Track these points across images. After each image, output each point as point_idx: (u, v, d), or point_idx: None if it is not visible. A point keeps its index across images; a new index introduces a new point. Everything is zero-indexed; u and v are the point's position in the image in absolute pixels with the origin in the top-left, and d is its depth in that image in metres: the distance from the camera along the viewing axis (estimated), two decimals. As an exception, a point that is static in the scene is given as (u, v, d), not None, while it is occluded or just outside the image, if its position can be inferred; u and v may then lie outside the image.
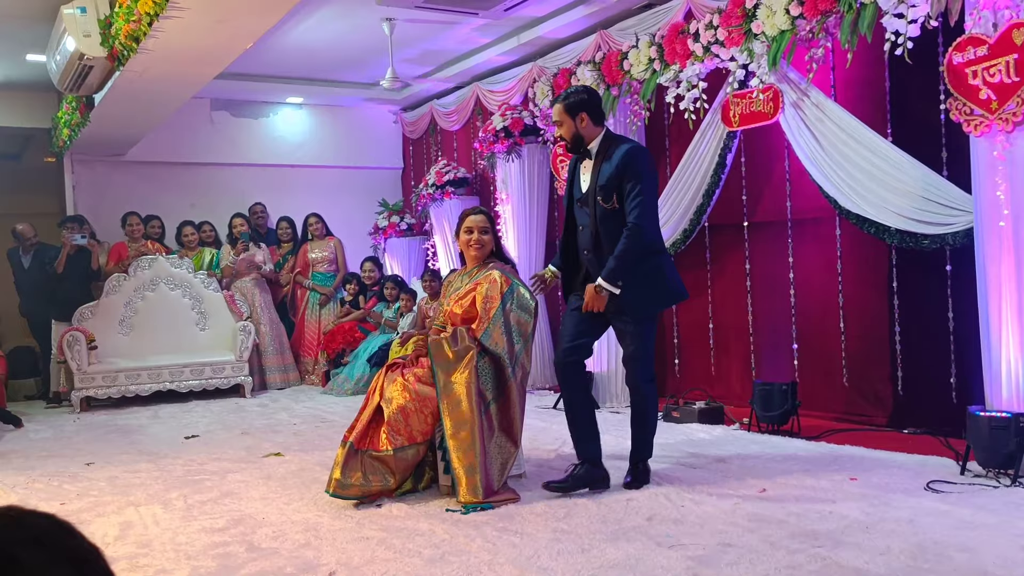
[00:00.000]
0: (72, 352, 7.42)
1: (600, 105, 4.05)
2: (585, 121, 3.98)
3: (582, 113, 3.97)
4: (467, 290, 4.33)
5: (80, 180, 8.93)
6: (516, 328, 4.18)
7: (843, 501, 3.65)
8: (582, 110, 3.97)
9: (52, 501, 4.29)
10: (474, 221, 4.24)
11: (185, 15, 4.56)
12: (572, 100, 3.96)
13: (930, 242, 4.50)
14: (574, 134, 4.00)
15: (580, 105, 3.96)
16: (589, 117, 3.98)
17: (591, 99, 4.00)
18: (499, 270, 4.22)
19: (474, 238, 4.22)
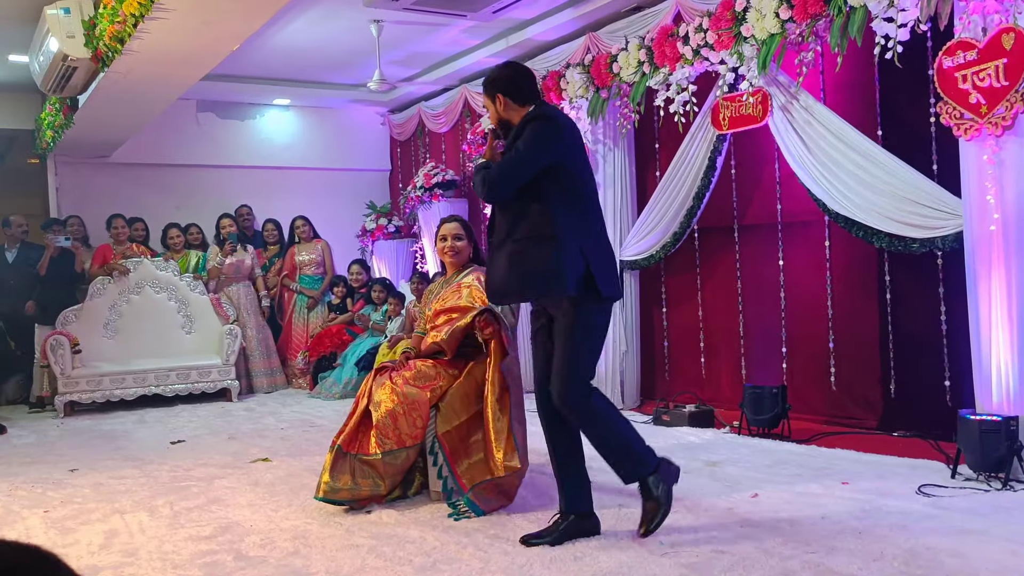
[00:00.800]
0: (56, 356, 7.34)
1: (525, 82, 3.35)
2: (503, 103, 3.33)
3: (498, 94, 3.33)
4: (450, 292, 4.33)
5: (64, 182, 8.84)
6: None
7: (835, 506, 3.64)
8: (498, 90, 3.34)
9: (35, 509, 4.22)
10: (447, 229, 4.26)
11: (170, 16, 4.51)
12: (488, 79, 3.39)
13: (920, 245, 4.50)
14: (499, 119, 3.39)
15: (495, 84, 3.35)
16: (507, 98, 3.32)
17: (510, 76, 3.36)
18: (478, 271, 4.21)
19: (448, 245, 4.24)
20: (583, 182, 3.26)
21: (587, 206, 3.26)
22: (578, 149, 3.29)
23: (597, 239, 3.25)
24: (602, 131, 6.42)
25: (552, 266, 3.11)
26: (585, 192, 3.26)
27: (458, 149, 8.96)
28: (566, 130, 3.23)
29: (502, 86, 3.34)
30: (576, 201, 3.21)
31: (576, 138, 3.31)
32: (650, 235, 6.20)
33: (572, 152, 3.23)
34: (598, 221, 3.30)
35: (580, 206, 3.22)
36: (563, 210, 3.16)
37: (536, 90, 3.40)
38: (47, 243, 7.76)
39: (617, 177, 6.48)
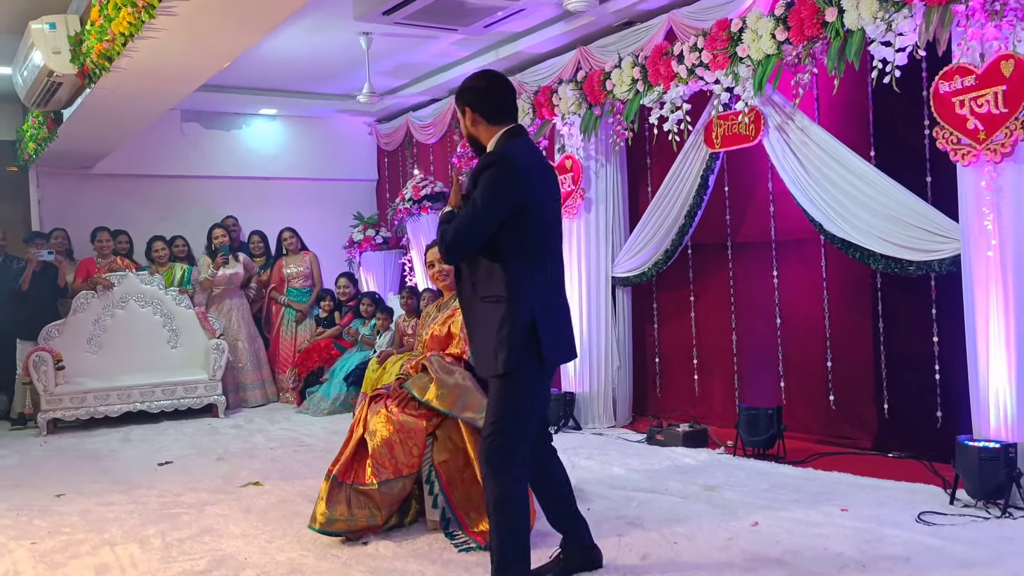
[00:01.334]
0: (38, 373, 7.21)
1: (499, 98, 3.00)
2: (471, 118, 3.02)
3: (467, 107, 3.02)
4: (444, 317, 4.31)
5: (46, 193, 8.70)
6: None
7: (837, 536, 3.62)
8: (467, 103, 3.02)
9: (22, 540, 4.13)
10: (433, 254, 4.23)
11: (161, 35, 4.43)
12: (460, 88, 3.05)
13: (916, 268, 4.50)
14: (467, 134, 3.10)
15: (464, 96, 3.03)
16: (476, 114, 3.00)
17: (483, 90, 3.01)
18: None
19: (436, 270, 4.23)
20: (544, 228, 2.97)
21: (545, 257, 2.99)
22: (540, 191, 2.95)
23: (551, 296, 3.00)
24: (594, 147, 6.39)
25: (498, 343, 2.89)
26: (544, 240, 2.99)
27: (447, 160, 8.90)
28: (524, 175, 2.88)
29: (471, 99, 3.02)
30: (534, 252, 2.94)
31: (538, 179, 2.95)
32: (642, 252, 6.18)
33: (532, 198, 2.90)
34: (554, 271, 3.06)
35: (538, 258, 2.96)
36: (518, 265, 2.90)
37: (511, 108, 3.04)
38: (30, 257, 7.63)
39: (609, 193, 6.45)
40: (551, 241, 3.05)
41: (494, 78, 3.08)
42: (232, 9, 4.19)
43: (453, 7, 6.16)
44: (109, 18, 4.48)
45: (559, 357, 3.08)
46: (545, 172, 3.06)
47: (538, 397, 3.07)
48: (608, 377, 6.48)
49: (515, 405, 2.97)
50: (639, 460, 5.25)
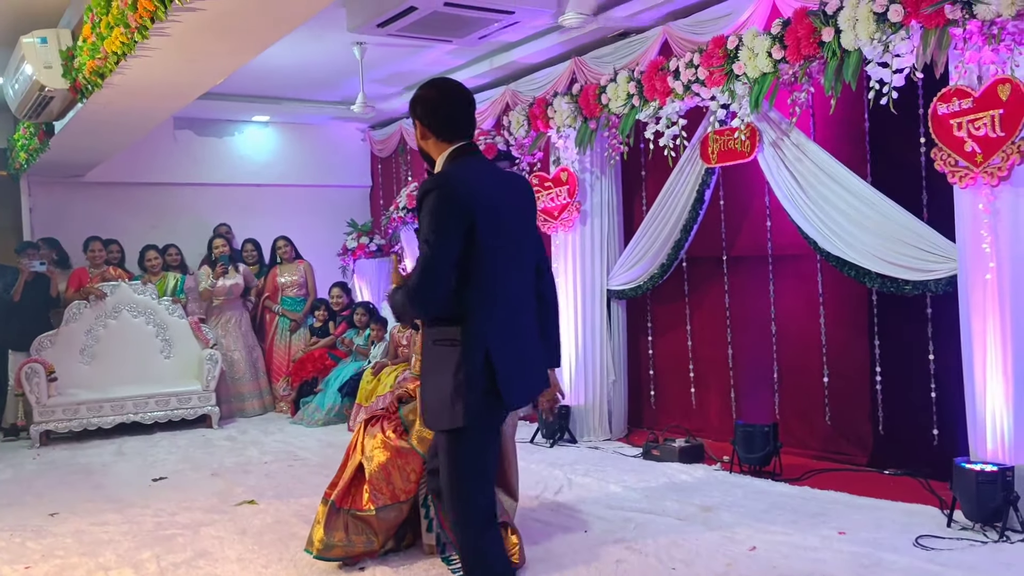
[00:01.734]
0: (31, 385, 7.17)
1: (451, 111, 2.68)
2: (420, 131, 2.74)
3: (416, 120, 2.75)
4: None
5: (37, 203, 8.64)
6: None
7: (834, 562, 3.62)
8: (416, 115, 2.74)
9: (16, 564, 4.11)
10: None
11: (154, 55, 4.39)
12: (412, 98, 2.76)
13: (912, 288, 4.49)
14: (418, 147, 2.81)
15: (413, 107, 2.75)
16: (425, 127, 2.71)
17: (433, 101, 2.71)
18: None
19: None
20: (491, 253, 2.61)
21: (499, 287, 2.66)
22: (491, 215, 2.61)
23: (508, 331, 2.67)
24: (589, 160, 6.37)
25: (454, 391, 2.60)
26: (494, 266, 2.63)
27: (440, 168, 8.87)
28: (470, 197, 2.57)
29: (421, 110, 2.72)
30: (484, 282, 2.62)
31: (488, 202, 2.61)
32: (637, 265, 6.17)
33: (480, 223, 2.57)
34: (511, 301, 2.70)
35: (488, 288, 2.63)
36: (468, 300, 2.60)
37: (465, 122, 2.72)
38: (21, 268, 7.58)
39: (604, 205, 6.43)
40: (508, 268, 2.69)
41: (447, 88, 2.74)
42: (226, 30, 4.15)
43: (448, 19, 6.13)
44: (101, 36, 4.44)
45: (521, 401, 2.75)
46: (502, 191, 2.72)
47: (492, 447, 2.76)
48: (603, 390, 6.47)
49: (470, 463, 2.67)
50: (635, 477, 5.24)
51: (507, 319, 2.68)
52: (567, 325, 6.51)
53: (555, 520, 4.40)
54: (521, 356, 2.72)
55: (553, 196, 6.52)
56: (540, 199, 6.62)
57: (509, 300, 2.70)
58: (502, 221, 2.66)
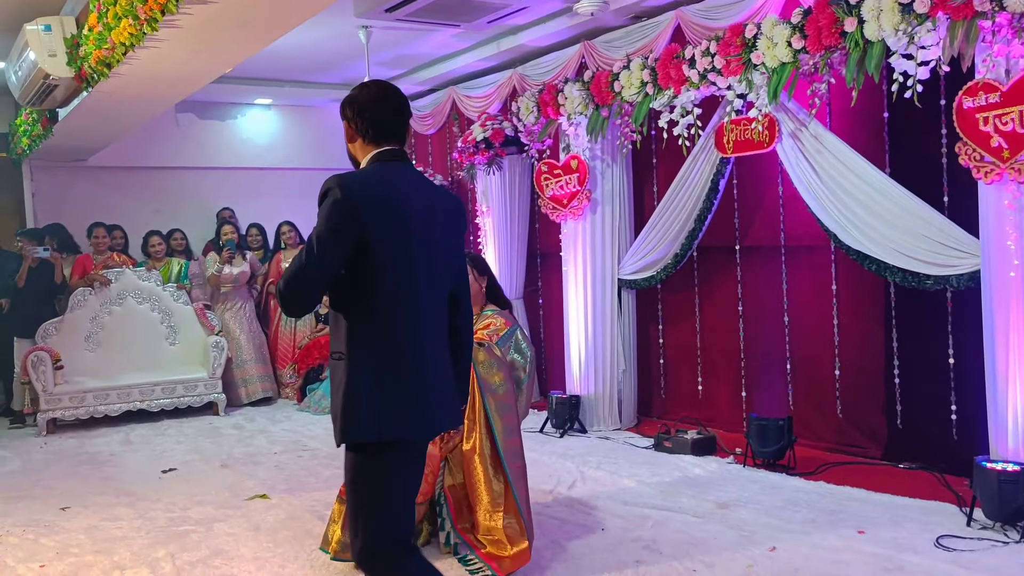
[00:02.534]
0: (37, 373, 7.12)
1: (378, 117, 2.52)
2: (348, 132, 2.58)
3: (344, 120, 2.58)
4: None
5: (40, 187, 8.56)
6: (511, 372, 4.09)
7: (856, 564, 3.59)
8: (344, 116, 2.58)
9: (31, 563, 4.08)
10: None
11: (163, 46, 4.30)
12: (344, 99, 2.59)
13: (934, 283, 4.44)
14: (347, 151, 2.65)
15: (344, 107, 2.58)
16: (352, 129, 2.55)
17: (364, 102, 2.54)
18: (496, 315, 4.09)
19: None
20: (391, 267, 2.43)
21: (394, 304, 2.44)
22: (394, 228, 2.43)
23: (400, 353, 2.45)
24: (600, 147, 6.29)
25: (339, 406, 2.44)
26: (394, 282, 2.43)
27: (445, 152, 8.79)
28: (366, 206, 2.39)
29: (350, 112, 2.55)
30: (376, 301, 2.43)
31: (393, 212, 2.43)
32: (650, 255, 6.11)
33: (377, 235, 2.39)
34: (415, 320, 2.47)
35: (380, 308, 2.43)
36: (358, 316, 2.43)
37: (394, 129, 2.55)
38: (25, 254, 7.51)
39: (615, 193, 6.36)
40: (414, 286, 2.47)
41: (380, 91, 2.58)
42: (236, 22, 4.06)
43: (457, 4, 6.04)
44: (109, 27, 4.35)
45: (401, 433, 2.44)
46: (421, 205, 2.50)
47: (397, 483, 2.47)
48: (614, 379, 6.44)
49: (367, 493, 2.44)
50: (648, 470, 5.22)
51: (405, 341, 2.46)
52: (577, 314, 6.48)
53: (571, 517, 4.38)
54: (418, 384, 2.47)
55: (563, 184, 6.44)
56: (549, 186, 6.56)
57: (412, 319, 2.47)
58: (411, 235, 2.46)
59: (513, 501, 3.77)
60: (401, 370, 2.44)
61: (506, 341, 4.07)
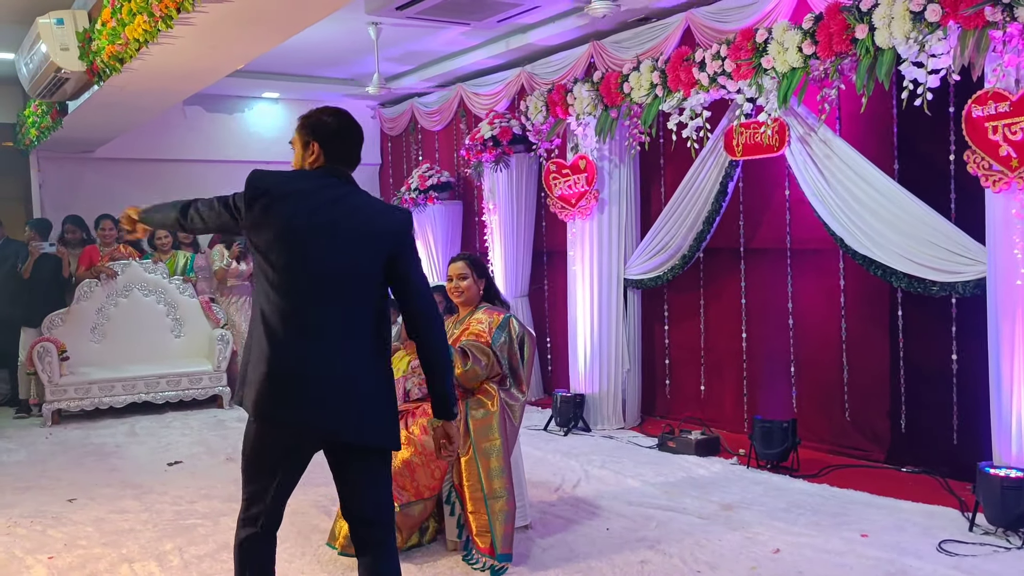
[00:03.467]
0: (43, 364, 7.15)
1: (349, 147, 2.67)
2: (313, 149, 2.65)
3: (311, 140, 2.65)
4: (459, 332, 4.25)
5: (47, 177, 8.59)
6: (506, 361, 4.11)
7: (859, 568, 3.63)
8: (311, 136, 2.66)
9: (39, 554, 4.11)
10: (452, 269, 4.14)
11: (177, 42, 4.32)
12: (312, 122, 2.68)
13: (939, 289, 4.47)
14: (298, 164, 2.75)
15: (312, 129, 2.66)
16: (321, 149, 2.63)
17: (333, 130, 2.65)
18: (487, 311, 4.11)
19: (452, 286, 4.14)
20: (273, 264, 2.51)
21: (301, 294, 2.51)
22: (302, 220, 2.50)
23: (285, 346, 2.51)
24: (608, 147, 6.31)
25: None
26: (291, 283, 2.51)
27: (452, 148, 8.81)
28: (282, 197, 2.52)
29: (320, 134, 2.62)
30: (283, 286, 2.52)
31: (305, 208, 2.52)
32: (657, 256, 6.13)
33: (282, 224, 2.50)
34: (291, 314, 2.51)
35: (289, 293, 2.52)
36: (263, 296, 2.55)
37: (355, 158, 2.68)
38: (31, 249, 7.55)
39: (622, 193, 6.39)
40: (316, 291, 2.52)
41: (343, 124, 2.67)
42: (252, 19, 4.08)
43: (468, 3, 6.06)
44: (123, 23, 4.37)
45: (276, 413, 2.52)
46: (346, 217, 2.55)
47: (266, 457, 2.59)
48: (618, 378, 6.47)
49: (244, 451, 2.63)
50: (652, 470, 5.25)
51: (292, 338, 2.51)
52: (583, 313, 6.50)
53: (575, 516, 4.41)
54: (298, 370, 2.51)
55: (571, 184, 6.47)
56: (557, 186, 6.58)
57: (305, 320, 2.52)
58: (318, 244, 2.51)
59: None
60: (268, 359, 2.51)
61: (502, 331, 4.10)
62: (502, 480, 3.85)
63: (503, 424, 3.95)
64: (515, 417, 4.08)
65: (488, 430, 3.91)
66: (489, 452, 3.88)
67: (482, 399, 3.97)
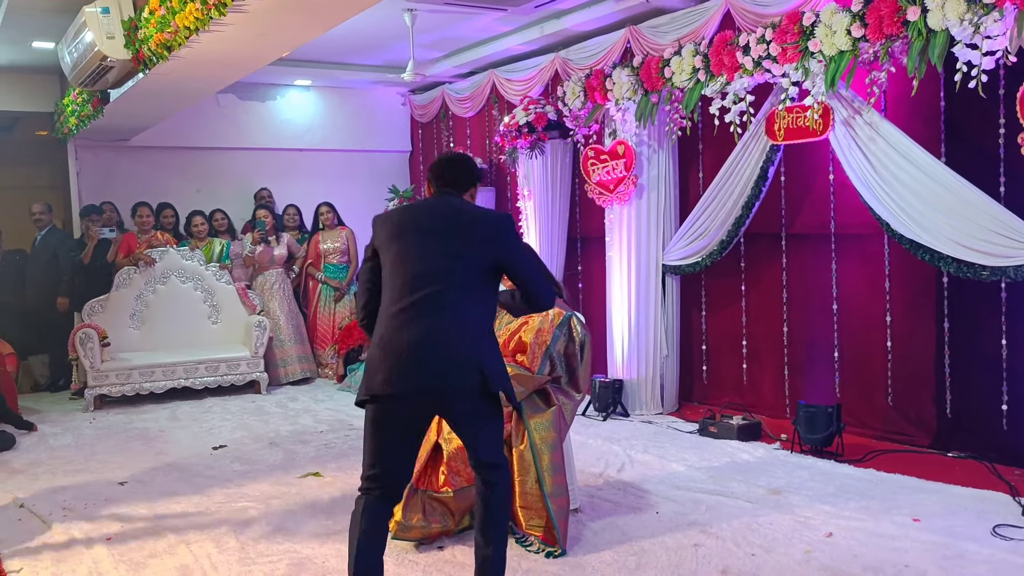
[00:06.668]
0: (85, 349, 7.25)
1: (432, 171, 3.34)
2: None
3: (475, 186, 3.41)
4: (517, 325, 4.27)
5: (84, 166, 8.67)
6: (563, 362, 4.14)
7: (915, 551, 3.62)
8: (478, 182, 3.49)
9: (96, 535, 4.18)
10: None
11: (227, 30, 4.34)
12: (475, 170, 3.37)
13: (990, 274, 4.44)
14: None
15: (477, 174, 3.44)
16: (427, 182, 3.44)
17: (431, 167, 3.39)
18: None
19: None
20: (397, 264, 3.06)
21: (398, 290, 3.02)
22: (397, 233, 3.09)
23: (394, 322, 2.98)
24: (647, 133, 6.30)
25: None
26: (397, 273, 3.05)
27: (483, 135, 8.81)
28: (380, 223, 3.17)
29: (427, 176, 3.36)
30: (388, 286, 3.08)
31: (398, 223, 3.13)
32: (696, 241, 6.12)
33: (383, 243, 3.12)
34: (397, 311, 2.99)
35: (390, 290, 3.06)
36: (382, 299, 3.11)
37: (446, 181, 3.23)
38: (92, 234, 7.69)
39: (661, 179, 6.37)
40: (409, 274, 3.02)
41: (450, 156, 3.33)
42: (300, 7, 4.10)
43: (507, -11, 6.05)
44: (173, 11, 4.39)
45: (372, 387, 2.98)
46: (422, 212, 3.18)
47: (369, 428, 3.02)
48: (656, 364, 6.47)
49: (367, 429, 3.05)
50: (696, 455, 5.26)
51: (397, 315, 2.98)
52: (621, 299, 6.51)
53: (624, 500, 4.43)
54: (390, 349, 2.95)
55: (609, 169, 6.46)
56: (595, 172, 6.57)
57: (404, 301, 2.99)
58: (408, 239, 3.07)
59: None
60: (389, 334, 2.98)
61: (561, 329, 4.13)
62: (559, 476, 3.87)
63: (557, 421, 3.98)
64: (568, 415, 4.11)
65: (544, 426, 3.94)
66: (542, 449, 3.91)
67: (537, 398, 4.01)
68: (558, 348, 4.04)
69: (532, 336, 4.12)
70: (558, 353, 4.06)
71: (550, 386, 4.01)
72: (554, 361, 4.05)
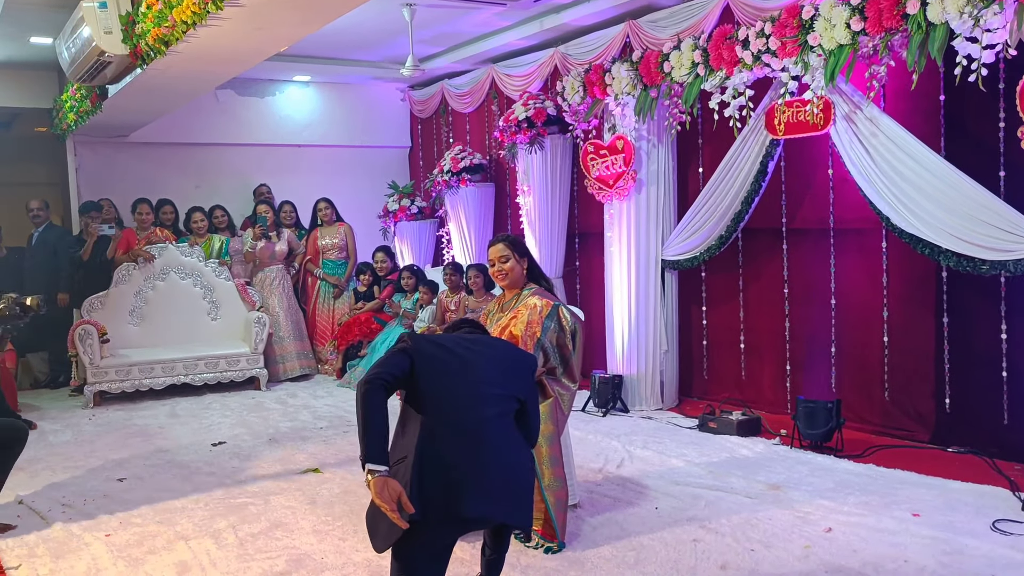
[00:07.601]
0: (84, 346, 7.25)
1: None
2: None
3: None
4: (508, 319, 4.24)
5: (83, 162, 8.67)
6: (557, 352, 4.12)
7: (914, 547, 3.62)
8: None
9: (95, 532, 4.18)
10: (492, 252, 4.05)
11: (224, 24, 4.33)
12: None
13: (989, 268, 4.43)
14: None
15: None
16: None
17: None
18: (538, 295, 4.09)
19: (495, 269, 4.06)
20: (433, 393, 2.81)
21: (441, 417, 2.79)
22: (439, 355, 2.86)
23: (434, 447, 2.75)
24: (646, 128, 6.28)
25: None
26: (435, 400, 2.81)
27: (483, 130, 8.80)
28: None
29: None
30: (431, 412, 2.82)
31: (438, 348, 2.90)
32: (694, 236, 6.11)
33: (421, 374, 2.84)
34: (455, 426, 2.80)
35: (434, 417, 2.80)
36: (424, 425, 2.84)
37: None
38: (91, 231, 7.67)
39: (660, 174, 6.36)
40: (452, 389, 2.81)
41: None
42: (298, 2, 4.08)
43: (507, -17, 6.03)
44: (170, 5, 4.38)
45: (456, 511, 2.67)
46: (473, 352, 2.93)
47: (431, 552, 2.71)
48: (656, 359, 6.47)
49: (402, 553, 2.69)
50: (695, 451, 5.26)
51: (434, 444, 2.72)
52: (620, 294, 6.51)
53: (623, 496, 4.43)
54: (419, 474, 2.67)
55: (608, 164, 6.45)
56: (595, 167, 6.55)
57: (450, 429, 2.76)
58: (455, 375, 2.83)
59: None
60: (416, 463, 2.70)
61: (551, 319, 4.10)
62: (557, 469, 3.86)
63: (554, 412, 3.97)
64: (565, 406, 4.09)
65: (541, 418, 3.92)
66: (540, 441, 3.89)
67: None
68: (549, 338, 4.02)
69: (522, 328, 4.10)
70: (550, 343, 4.04)
71: (546, 377, 3.99)
72: (547, 351, 4.03)
